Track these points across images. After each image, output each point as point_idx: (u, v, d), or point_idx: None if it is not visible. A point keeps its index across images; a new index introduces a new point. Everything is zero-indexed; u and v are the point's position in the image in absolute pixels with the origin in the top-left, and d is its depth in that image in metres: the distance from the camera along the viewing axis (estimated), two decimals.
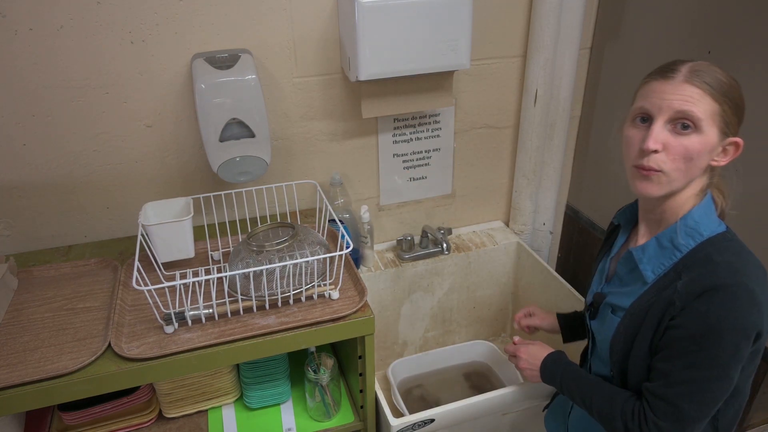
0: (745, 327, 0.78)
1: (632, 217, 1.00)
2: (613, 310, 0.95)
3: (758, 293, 0.79)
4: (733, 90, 0.82)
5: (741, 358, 0.80)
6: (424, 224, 1.63)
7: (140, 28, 1.16)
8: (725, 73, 0.82)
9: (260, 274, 1.06)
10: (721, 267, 0.81)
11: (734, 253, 0.83)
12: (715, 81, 0.80)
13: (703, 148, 0.80)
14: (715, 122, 0.80)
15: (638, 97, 0.86)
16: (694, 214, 0.85)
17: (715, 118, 0.80)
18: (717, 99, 0.80)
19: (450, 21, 1.20)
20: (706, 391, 0.81)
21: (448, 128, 1.54)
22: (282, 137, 1.38)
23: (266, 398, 1.23)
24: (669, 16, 1.33)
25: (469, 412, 1.19)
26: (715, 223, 0.86)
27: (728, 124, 0.81)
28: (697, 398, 0.82)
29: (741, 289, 0.78)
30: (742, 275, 0.80)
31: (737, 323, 0.78)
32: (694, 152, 0.80)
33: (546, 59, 1.44)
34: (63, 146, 1.23)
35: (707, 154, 0.82)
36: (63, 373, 0.93)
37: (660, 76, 0.83)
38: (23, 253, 1.29)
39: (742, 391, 0.90)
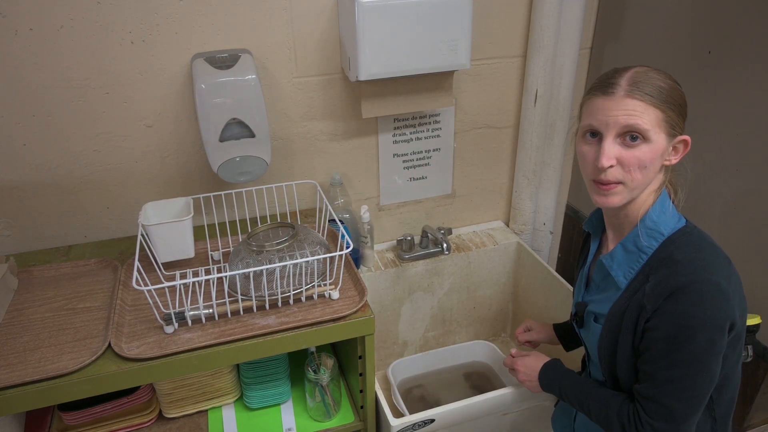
0: (717, 321, 0.80)
1: (599, 223, 1.02)
2: (596, 317, 0.97)
3: (724, 285, 0.81)
4: (673, 93, 0.84)
5: (718, 351, 0.82)
6: (424, 224, 1.63)
7: (140, 28, 1.16)
8: (663, 76, 0.84)
9: (260, 274, 1.06)
10: (683, 265, 0.83)
11: (695, 249, 0.85)
12: (655, 89, 0.83)
13: (654, 155, 0.83)
14: (661, 128, 0.83)
15: (584, 113, 0.88)
16: (651, 215, 0.88)
17: (661, 125, 0.83)
18: (659, 107, 0.82)
19: (450, 21, 1.20)
20: (691, 388, 0.83)
21: (448, 128, 1.54)
22: (282, 137, 1.38)
23: (266, 398, 1.23)
24: (669, 16, 1.33)
25: (469, 412, 1.19)
26: (674, 219, 0.88)
27: (674, 126, 0.84)
28: (683, 396, 0.83)
29: (706, 285, 0.80)
30: (704, 270, 0.82)
31: (708, 319, 0.80)
32: (646, 161, 0.83)
33: (546, 59, 1.43)
34: (63, 146, 1.23)
35: (659, 159, 0.85)
36: (63, 373, 0.93)
37: (601, 92, 0.84)
38: (23, 253, 1.29)
39: (731, 377, 0.91)
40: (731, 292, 0.82)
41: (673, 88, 0.84)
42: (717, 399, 0.90)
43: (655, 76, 0.83)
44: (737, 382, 0.93)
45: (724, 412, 0.93)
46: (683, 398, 0.84)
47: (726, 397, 0.92)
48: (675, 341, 0.82)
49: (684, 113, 0.85)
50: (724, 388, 0.90)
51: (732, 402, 0.94)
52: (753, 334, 1.18)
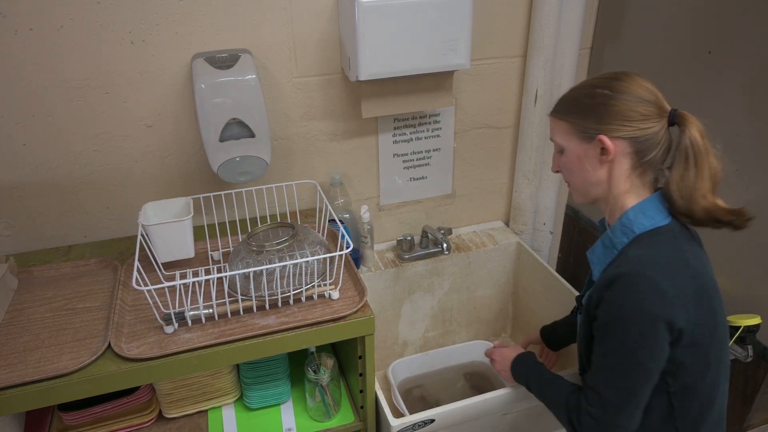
0: (646, 315, 0.82)
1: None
2: (580, 310, 1.01)
3: (661, 282, 0.82)
4: (574, 100, 0.93)
5: (651, 346, 0.83)
6: (424, 224, 1.63)
7: (140, 28, 1.16)
8: (581, 86, 0.94)
9: (260, 274, 1.06)
10: (629, 259, 0.86)
11: (650, 247, 0.87)
12: (560, 103, 0.95)
13: (573, 160, 0.93)
14: (571, 136, 0.92)
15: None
16: (629, 213, 0.90)
17: (570, 133, 0.92)
18: (563, 118, 0.93)
19: (450, 21, 1.20)
20: (621, 378, 0.86)
21: (448, 128, 1.54)
22: (282, 137, 1.38)
23: (266, 398, 1.23)
24: (669, 16, 1.33)
25: (469, 412, 1.19)
26: (653, 220, 0.89)
27: (584, 129, 0.90)
28: (614, 384, 0.86)
29: (640, 278, 0.83)
30: (644, 265, 0.84)
31: (636, 311, 0.82)
32: (570, 166, 0.94)
33: (546, 59, 1.43)
34: (63, 146, 1.23)
35: (584, 162, 0.92)
36: (63, 373, 0.93)
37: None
38: (23, 253, 1.29)
39: (695, 389, 0.89)
40: (673, 292, 0.82)
41: (575, 95, 0.93)
42: (679, 408, 0.88)
43: (571, 90, 0.95)
44: (709, 399, 0.90)
45: (690, 426, 0.90)
46: (614, 387, 0.86)
47: (692, 409, 0.89)
48: (609, 330, 0.86)
49: (594, 114, 0.89)
50: (687, 399, 0.89)
51: (702, 418, 0.90)
52: (753, 334, 1.18)
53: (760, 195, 1.19)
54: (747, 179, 1.22)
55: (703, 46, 1.25)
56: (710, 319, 0.87)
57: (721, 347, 0.90)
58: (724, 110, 1.24)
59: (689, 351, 0.85)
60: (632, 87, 0.87)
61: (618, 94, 0.87)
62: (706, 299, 0.86)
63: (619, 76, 0.89)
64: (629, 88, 0.87)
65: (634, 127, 0.86)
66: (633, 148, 0.88)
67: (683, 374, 0.87)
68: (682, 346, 0.85)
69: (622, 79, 0.88)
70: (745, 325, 1.17)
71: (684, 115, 0.87)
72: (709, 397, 0.90)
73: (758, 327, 1.17)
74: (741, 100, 1.19)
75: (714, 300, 0.88)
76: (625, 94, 0.87)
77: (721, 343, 0.90)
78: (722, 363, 0.91)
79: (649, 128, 0.86)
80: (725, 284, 1.30)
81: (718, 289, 0.91)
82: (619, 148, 0.88)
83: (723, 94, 1.23)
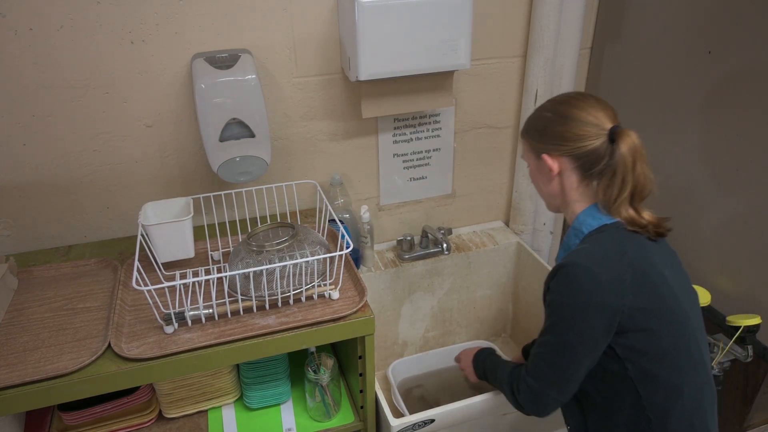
0: (579, 302, 0.90)
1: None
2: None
3: (598, 273, 0.89)
4: (529, 121, 1.04)
5: (580, 329, 0.90)
6: (424, 224, 1.63)
7: (140, 28, 1.16)
8: (538, 108, 1.04)
9: (260, 274, 1.06)
10: (572, 253, 0.94)
11: (593, 242, 0.94)
12: (525, 124, 1.05)
13: (534, 174, 1.05)
14: (529, 154, 1.04)
15: None
16: (579, 217, 0.99)
17: (527, 151, 1.05)
18: (523, 137, 1.06)
19: (450, 21, 1.20)
20: (554, 356, 0.94)
21: (448, 128, 1.54)
22: (282, 137, 1.38)
23: (266, 398, 1.23)
24: (669, 16, 1.33)
25: (469, 412, 1.19)
26: (600, 220, 0.96)
27: (534, 148, 1.02)
28: (548, 360, 0.96)
29: (576, 268, 0.90)
30: (582, 257, 0.91)
31: (570, 298, 0.91)
32: (534, 179, 1.07)
33: (546, 59, 1.43)
34: (63, 146, 1.23)
35: (541, 176, 1.03)
36: (63, 373, 0.93)
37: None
38: (23, 253, 1.29)
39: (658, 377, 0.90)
40: (606, 279, 0.89)
41: (532, 117, 1.03)
42: (645, 396, 0.91)
43: (534, 110, 1.05)
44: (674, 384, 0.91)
45: (660, 413, 0.92)
46: (548, 362, 0.96)
47: (657, 395, 0.91)
48: (549, 312, 0.96)
49: (539, 135, 1.00)
50: (650, 386, 0.91)
51: (670, 405, 0.91)
52: (753, 334, 1.18)
53: (759, 195, 1.19)
54: (747, 179, 1.22)
55: (703, 46, 1.25)
56: (656, 306, 0.91)
57: (679, 336, 0.92)
58: (724, 110, 1.24)
59: (639, 336, 0.90)
60: (573, 111, 0.95)
61: (559, 117, 0.97)
62: (648, 287, 0.90)
63: (568, 100, 0.98)
64: (570, 112, 0.96)
65: (571, 146, 0.95)
66: (576, 163, 0.96)
67: (638, 359, 0.91)
68: (629, 332, 0.90)
69: (569, 102, 0.97)
70: (745, 325, 1.17)
71: (620, 132, 0.92)
72: (675, 385, 0.91)
73: (758, 327, 1.17)
74: (741, 100, 1.19)
75: (661, 288, 0.91)
76: (565, 118, 0.96)
77: (678, 332, 0.92)
78: (685, 352, 0.92)
79: (588, 145, 0.94)
80: (725, 284, 1.31)
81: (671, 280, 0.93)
82: (563, 165, 0.98)
83: (723, 94, 1.23)
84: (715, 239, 1.32)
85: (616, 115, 0.96)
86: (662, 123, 1.40)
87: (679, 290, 0.94)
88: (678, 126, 1.36)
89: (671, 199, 1.41)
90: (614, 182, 0.93)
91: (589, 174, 0.96)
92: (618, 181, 0.92)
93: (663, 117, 1.40)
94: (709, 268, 1.34)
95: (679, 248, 1.38)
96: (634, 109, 1.48)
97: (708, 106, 1.27)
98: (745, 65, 1.17)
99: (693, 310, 0.96)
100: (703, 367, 0.95)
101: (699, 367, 0.94)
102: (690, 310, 0.95)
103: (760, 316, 1.17)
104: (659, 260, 0.94)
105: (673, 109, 1.37)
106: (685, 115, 1.33)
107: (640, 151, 0.92)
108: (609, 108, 0.97)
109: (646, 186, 0.94)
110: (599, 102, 0.97)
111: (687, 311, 0.94)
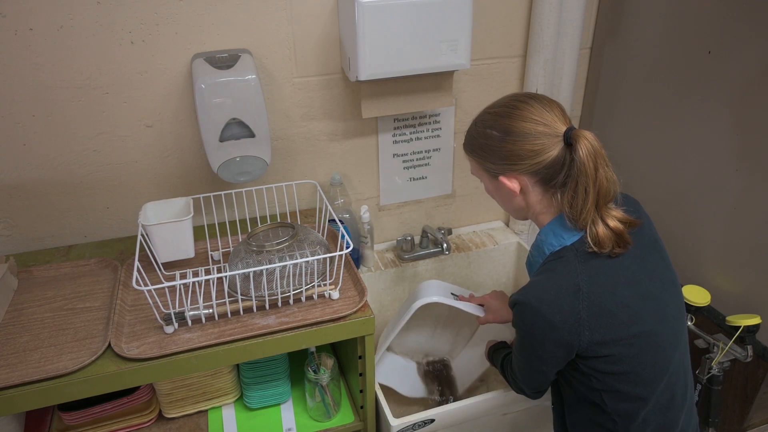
0: (534, 336, 0.91)
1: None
2: None
3: (545, 312, 0.87)
4: (473, 139, 0.97)
5: (539, 356, 0.93)
6: (424, 224, 1.63)
7: (140, 28, 1.16)
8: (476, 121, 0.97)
9: (260, 274, 1.06)
10: (527, 286, 0.92)
11: (547, 275, 0.91)
12: (466, 138, 0.99)
13: (492, 191, 1.00)
14: (481, 173, 0.98)
15: None
16: (541, 234, 0.96)
17: (478, 170, 0.98)
18: (469, 155, 0.99)
19: (450, 21, 1.20)
20: (523, 366, 1.00)
21: (448, 128, 1.54)
22: (282, 137, 1.38)
23: (266, 398, 1.23)
24: (669, 16, 1.33)
25: (469, 412, 1.19)
26: (561, 239, 0.92)
27: (487, 168, 0.95)
28: (519, 368, 1.02)
29: (528, 309, 0.89)
30: (532, 296, 0.89)
31: (527, 332, 0.93)
32: (492, 195, 1.01)
33: (546, 59, 1.44)
34: (63, 146, 1.23)
35: (500, 193, 0.98)
36: (63, 373, 0.93)
37: None
38: (23, 253, 1.29)
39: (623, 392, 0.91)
40: (559, 320, 0.87)
41: (478, 134, 0.95)
42: (610, 404, 0.92)
43: (472, 123, 0.98)
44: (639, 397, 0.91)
45: (625, 419, 0.93)
46: (520, 370, 1.01)
47: (622, 406, 0.92)
48: (516, 334, 0.98)
49: (490, 156, 0.93)
50: (615, 397, 0.91)
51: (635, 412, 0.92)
52: (753, 334, 1.19)
53: (759, 195, 1.19)
54: (747, 179, 1.22)
55: (703, 46, 1.25)
56: (616, 335, 0.88)
57: (642, 353, 0.89)
58: (724, 110, 1.24)
59: (599, 361, 0.89)
60: (519, 124, 0.88)
61: (506, 136, 0.89)
62: (605, 318, 0.87)
63: (509, 112, 0.90)
64: (517, 127, 0.88)
65: (527, 164, 0.89)
66: (537, 177, 0.91)
67: (601, 376, 0.90)
68: (589, 358, 0.89)
69: (511, 115, 0.90)
70: (745, 325, 1.17)
71: (576, 136, 0.86)
72: (638, 396, 0.91)
73: (758, 327, 1.17)
74: (741, 100, 1.19)
75: (620, 316, 0.88)
76: (513, 135, 0.89)
77: (641, 350, 0.89)
78: (650, 365, 0.91)
79: (545, 159, 0.88)
80: (725, 284, 1.31)
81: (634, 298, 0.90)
82: (523, 182, 0.92)
83: (723, 94, 1.23)
84: (714, 239, 1.32)
85: (565, 113, 0.90)
86: (662, 123, 1.40)
87: (645, 303, 0.90)
88: (678, 125, 1.36)
89: (671, 199, 1.41)
90: (577, 194, 0.87)
91: (552, 185, 0.91)
92: (581, 191, 0.86)
93: (662, 117, 1.40)
94: (709, 268, 1.34)
95: (679, 248, 1.38)
96: (633, 109, 1.48)
97: (708, 106, 1.27)
98: (745, 65, 1.17)
99: (660, 316, 0.92)
100: (671, 367, 0.93)
101: (665, 370, 0.92)
102: (656, 317, 0.91)
103: (759, 316, 1.17)
104: (621, 280, 0.89)
105: (672, 109, 1.37)
106: (684, 115, 1.33)
107: (600, 153, 0.86)
108: (556, 106, 0.90)
109: (610, 190, 0.87)
110: (543, 102, 0.90)
111: (651, 321, 0.90)
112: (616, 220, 0.89)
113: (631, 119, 1.49)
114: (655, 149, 1.44)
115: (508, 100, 0.93)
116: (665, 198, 1.43)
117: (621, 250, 0.90)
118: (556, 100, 0.94)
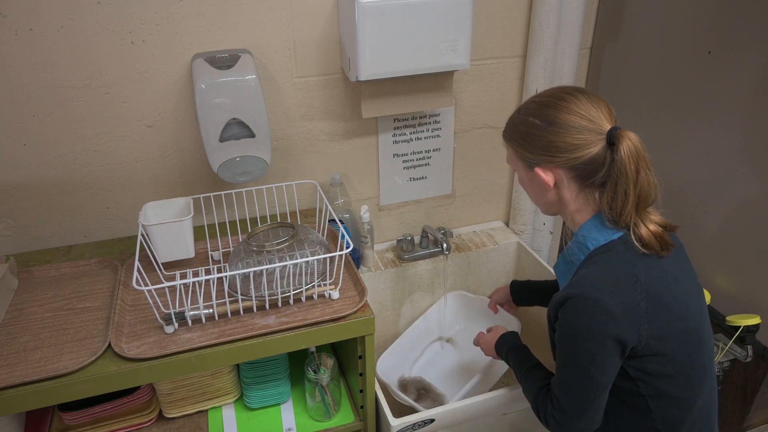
0: (592, 333, 0.84)
1: None
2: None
3: (607, 302, 0.83)
4: (514, 126, 0.94)
5: (599, 361, 0.85)
6: (424, 224, 1.63)
7: (140, 28, 1.16)
8: (520, 109, 0.94)
9: (260, 274, 1.06)
10: (579, 279, 0.88)
11: (599, 265, 0.88)
12: (507, 126, 0.96)
13: (525, 182, 0.97)
14: (517, 161, 0.95)
15: None
16: (582, 230, 0.93)
17: (515, 158, 0.95)
18: (508, 142, 0.96)
19: (450, 21, 1.20)
20: (576, 389, 0.89)
21: (448, 128, 1.54)
22: (282, 137, 1.38)
23: (266, 398, 1.23)
24: (669, 16, 1.33)
25: (469, 412, 1.19)
26: (605, 236, 0.90)
27: (525, 158, 0.93)
28: (570, 394, 0.90)
29: (585, 299, 0.84)
30: (590, 286, 0.85)
31: (583, 330, 0.85)
32: (524, 186, 0.99)
33: (546, 59, 1.44)
34: (63, 146, 1.23)
35: (534, 185, 0.95)
36: (63, 373, 0.93)
37: None
38: (23, 253, 1.29)
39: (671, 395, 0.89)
40: (620, 311, 0.83)
41: (517, 122, 0.93)
42: (656, 411, 0.90)
43: (515, 112, 0.95)
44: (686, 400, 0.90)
45: (670, 427, 0.91)
46: (571, 396, 0.90)
47: (669, 412, 0.90)
48: (563, 345, 0.90)
49: (529, 145, 0.90)
50: (662, 403, 0.90)
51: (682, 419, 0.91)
52: (753, 334, 1.19)
53: (759, 195, 1.19)
54: (747, 179, 1.22)
55: (703, 46, 1.25)
56: (671, 330, 0.86)
57: (691, 352, 0.89)
58: (724, 110, 1.24)
59: (652, 359, 0.87)
60: (564, 116, 0.86)
61: (549, 126, 0.87)
62: (663, 312, 0.86)
63: (555, 102, 0.88)
64: (561, 118, 0.86)
65: (566, 157, 0.87)
66: (574, 173, 0.88)
67: (651, 379, 0.88)
68: (643, 356, 0.86)
69: (557, 105, 0.87)
70: (745, 325, 1.17)
71: (619, 136, 0.83)
72: (686, 399, 0.90)
73: (758, 327, 1.18)
74: (741, 100, 1.19)
75: (675, 310, 0.86)
76: (556, 126, 0.86)
77: (690, 349, 0.89)
78: (698, 365, 0.90)
79: (585, 155, 0.85)
80: (725, 284, 1.31)
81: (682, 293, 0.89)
82: (558, 176, 0.90)
83: (723, 94, 1.23)
84: (714, 239, 1.32)
85: (612, 112, 0.87)
86: (662, 123, 1.40)
87: (690, 300, 0.90)
88: (678, 126, 1.36)
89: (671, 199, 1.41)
90: (617, 195, 0.85)
91: (589, 183, 0.88)
92: (620, 193, 0.84)
93: (662, 117, 1.40)
94: (709, 268, 1.34)
95: None
96: (633, 109, 1.48)
97: (708, 106, 1.27)
98: (745, 65, 1.17)
99: (702, 314, 0.92)
100: (711, 370, 0.93)
101: (708, 372, 0.92)
102: (700, 315, 0.91)
103: (759, 316, 1.17)
104: (671, 275, 0.89)
105: (672, 109, 1.37)
106: (684, 115, 1.33)
107: (643, 155, 0.84)
108: (603, 104, 0.87)
109: (650, 193, 0.86)
110: (591, 99, 0.87)
111: (698, 319, 0.90)
112: (655, 224, 0.88)
113: (630, 119, 1.49)
114: (655, 149, 1.43)
115: (556, 91, 0.90)
116: (665, 198, 1.42)
117: (665, 252, 0.88)
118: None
